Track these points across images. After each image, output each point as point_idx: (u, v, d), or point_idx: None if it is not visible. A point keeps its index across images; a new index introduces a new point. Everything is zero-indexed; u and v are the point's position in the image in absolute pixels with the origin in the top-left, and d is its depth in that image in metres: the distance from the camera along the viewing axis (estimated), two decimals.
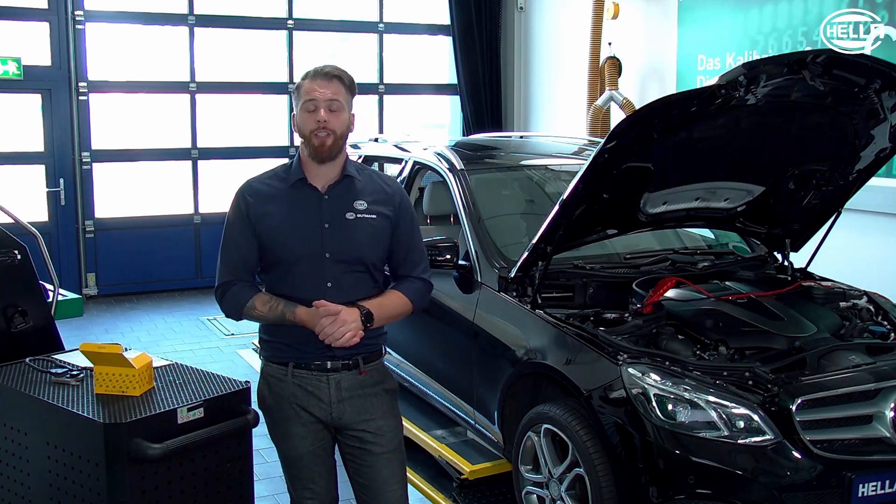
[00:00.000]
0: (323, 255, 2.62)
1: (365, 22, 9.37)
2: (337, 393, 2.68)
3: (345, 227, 2.65)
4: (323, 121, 2.57)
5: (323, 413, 2.70)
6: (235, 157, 8.81)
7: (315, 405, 2.69)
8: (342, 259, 2.64)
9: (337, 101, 2.59)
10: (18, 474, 2.87)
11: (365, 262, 2.67)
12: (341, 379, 2.68)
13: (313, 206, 2.65)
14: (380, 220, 2.69)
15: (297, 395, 2.69)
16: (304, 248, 2.63)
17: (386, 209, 2.71)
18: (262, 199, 2.67)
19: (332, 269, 2.63)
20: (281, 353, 2.71)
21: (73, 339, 3.62)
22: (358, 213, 2.66)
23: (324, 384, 2.67)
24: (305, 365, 2.68)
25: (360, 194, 2.69)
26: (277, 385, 2.72)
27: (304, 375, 2.68)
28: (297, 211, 2.65)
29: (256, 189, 2.69)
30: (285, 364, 2.70)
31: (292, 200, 2.66)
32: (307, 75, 2.63)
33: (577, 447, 3.32)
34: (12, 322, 3.32)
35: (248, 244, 2.66)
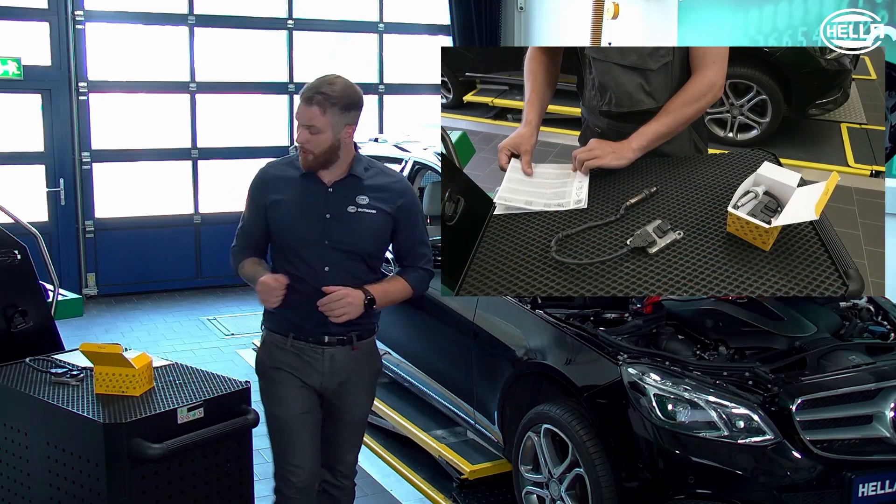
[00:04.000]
0: (323, 242, 2.83)
1: (365, 22, 9.36)
2: (330, 365, 2.90)
3: (345, 219, 2.84)
4: (303, 141, 2.77)
5: (315, 382, 2.91)
6: (235, 157, 8.80)
7: (309, 374, 2.90)
8: (340, 248, 2.84)
9: (313, 125, 2.75)
10: (18, 474, 2.87)
11: (360, 252, 2.87)
12: (335, 353, 2.90)
13: (319, 198, 2.86)
14: (379, 215, 2.88)
15: (293, 363, 2.91)
16: (307, 234, 2.84)
17: (387, 206, 2.89)
18: (275, 187, 2.90)
19: (331, 255, 2.84)
20: (283, 325, 2.92)
21: (73, 339, 3.61)
22: (359, 207, 2.85)
23: (319, 356, 2.89)
24: (304, 337, 2.89)
25: (365, 190, 2.87)
26: (277, 352, 2.93)
27: (301, 346, 2.90)
28: (304, 200, 2.86)
29: (273, 176, 2.93)
30: (286, 335, 2.91)
31: (301, 190, 2.87)
32: (301, 92, 2.78)
33: (577, 447, 3.33)
34: (12, 322, 3.32)
35: (257, 226, 2.93)
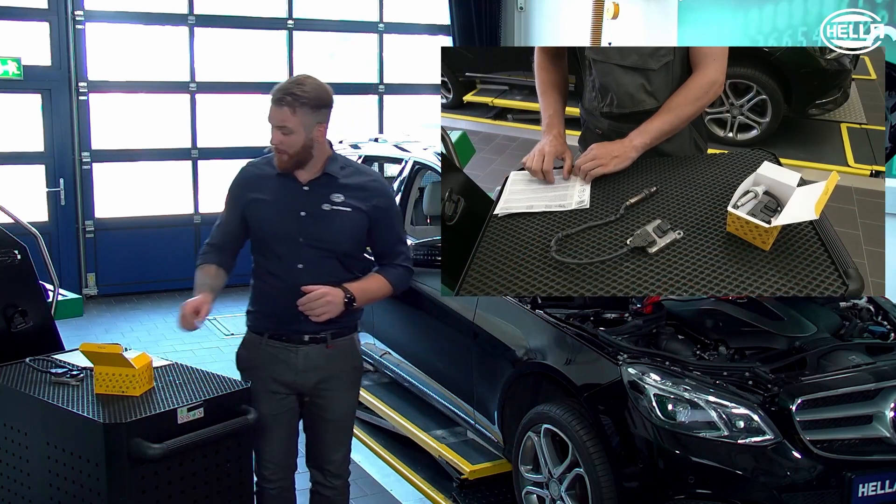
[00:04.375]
0: (297, 240, 2.88)
1: (365, 22, 9.37)
2: (304, 363, 2.94)
3: (320, 216, 2.88)
4: (276, 143, 2.83)
5: (289, 379, 2.96)
6: (235, 157, 8.75)
7: (284, 371, 2.95)
8: (314, 245, 2.88)
9: (285, 126, 2.79)
10: (18, 474, 2.87)
11: (334, 249, 2.90)
12: (309, 351, 2.94)
13: (294, 196, 2.90)
14: (354, 213, 2.91)
15: (268, 362, 2.96)
16: (282, 231, 2.89)
17: (362, 204, 2.92)
18: (253, 186, 2.95)
19: (305, 252, 2.88)
20: (260, 324, 2.99)
21: (73, 339, 3.61)
22: (334, 205, 2.89)
23: (293, 354, 2.94)
24: (278, 336, 2.94)
25: (340, 189, 2.91)
26: (254, 351, 3.00)
27: (276, 345, 2.95)
28: (280, 198, 2.91)
29: (252, 175, 3.00)
30: (261, 333, 2.98)
31: (278, 188, 2.92)
32: (272, 94, 2.82)
33: (577, 447, 3.32)
34: (12, 322, 3.32)
35: (235, 225, 2.98)
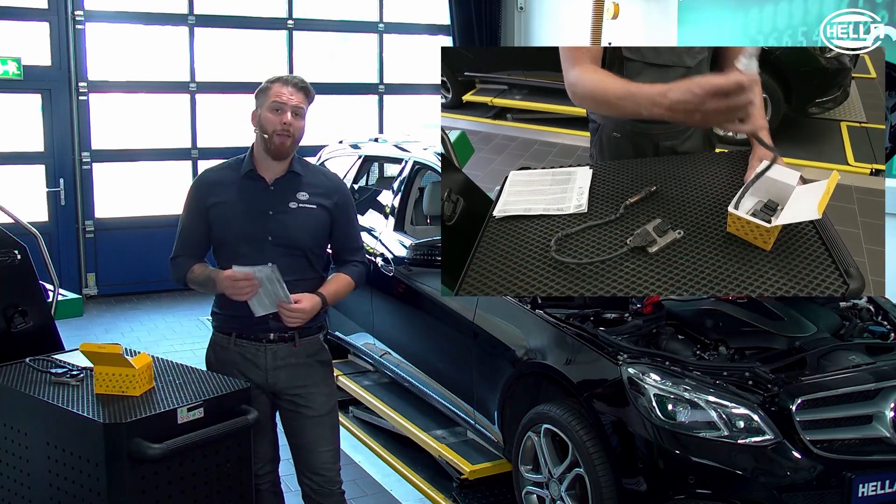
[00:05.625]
0: (266, 239, 2.92)
1: (365, 22, 9.37)
2: (273, 361, 2.98)
3: (287, 214, 2.94)
4: (288, 124, 2.89)
5: (259, 378, 2.99)
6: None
7: (253, 371, 2.99)
8: (282, 243, 2.93)
9: (301, 108, 2.93)
10: (18, 474, 2.87)
11: (302, 247, 2.95)
12: (277, 349, 2.99)
13: (260, 195, 2.95)
14: (319, 210, 2.98)
15: (237, 362, 3.00)
16: (250, 230, 2.93)
17: (326, 201, 2.99)
18: (214, 190, 2.99)
19: (273, 251, 2.91)
20: (226, 324, 3.03)
21: (73, 339, 3.60)
22: (300, 202, 2.95)
23: (261, 353, 2.98)
24: (246, 335, 2.99)
25: (304, 187, 2.98)
26: (222, 352, 3.04)
27: (244, 344, 2.99)
28: (246, 198, 2.95)
29: (211, 180, 3.03)
30: (229, 334, 3.02)
31: (242, 189, 2.96)
32: (278, 80, 2.94)
33: (577, 447, 3.33)
34: (12, 322, 3.31)
35: (199, 231, 3.01)
